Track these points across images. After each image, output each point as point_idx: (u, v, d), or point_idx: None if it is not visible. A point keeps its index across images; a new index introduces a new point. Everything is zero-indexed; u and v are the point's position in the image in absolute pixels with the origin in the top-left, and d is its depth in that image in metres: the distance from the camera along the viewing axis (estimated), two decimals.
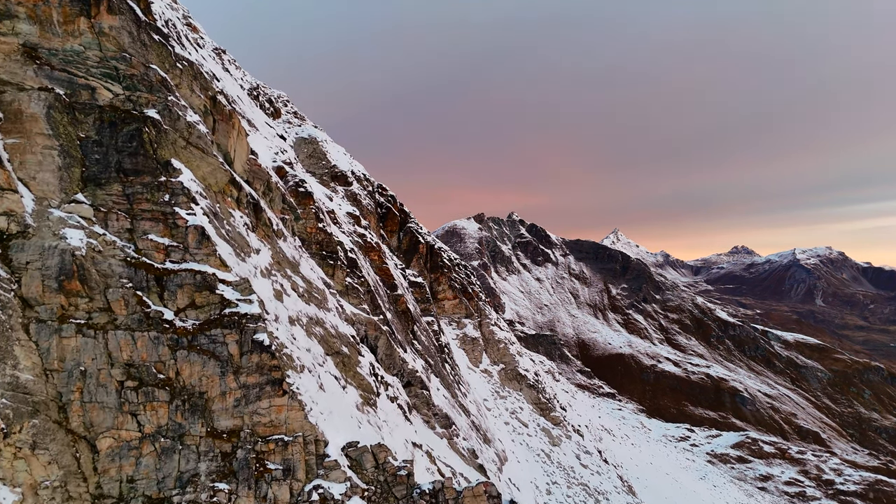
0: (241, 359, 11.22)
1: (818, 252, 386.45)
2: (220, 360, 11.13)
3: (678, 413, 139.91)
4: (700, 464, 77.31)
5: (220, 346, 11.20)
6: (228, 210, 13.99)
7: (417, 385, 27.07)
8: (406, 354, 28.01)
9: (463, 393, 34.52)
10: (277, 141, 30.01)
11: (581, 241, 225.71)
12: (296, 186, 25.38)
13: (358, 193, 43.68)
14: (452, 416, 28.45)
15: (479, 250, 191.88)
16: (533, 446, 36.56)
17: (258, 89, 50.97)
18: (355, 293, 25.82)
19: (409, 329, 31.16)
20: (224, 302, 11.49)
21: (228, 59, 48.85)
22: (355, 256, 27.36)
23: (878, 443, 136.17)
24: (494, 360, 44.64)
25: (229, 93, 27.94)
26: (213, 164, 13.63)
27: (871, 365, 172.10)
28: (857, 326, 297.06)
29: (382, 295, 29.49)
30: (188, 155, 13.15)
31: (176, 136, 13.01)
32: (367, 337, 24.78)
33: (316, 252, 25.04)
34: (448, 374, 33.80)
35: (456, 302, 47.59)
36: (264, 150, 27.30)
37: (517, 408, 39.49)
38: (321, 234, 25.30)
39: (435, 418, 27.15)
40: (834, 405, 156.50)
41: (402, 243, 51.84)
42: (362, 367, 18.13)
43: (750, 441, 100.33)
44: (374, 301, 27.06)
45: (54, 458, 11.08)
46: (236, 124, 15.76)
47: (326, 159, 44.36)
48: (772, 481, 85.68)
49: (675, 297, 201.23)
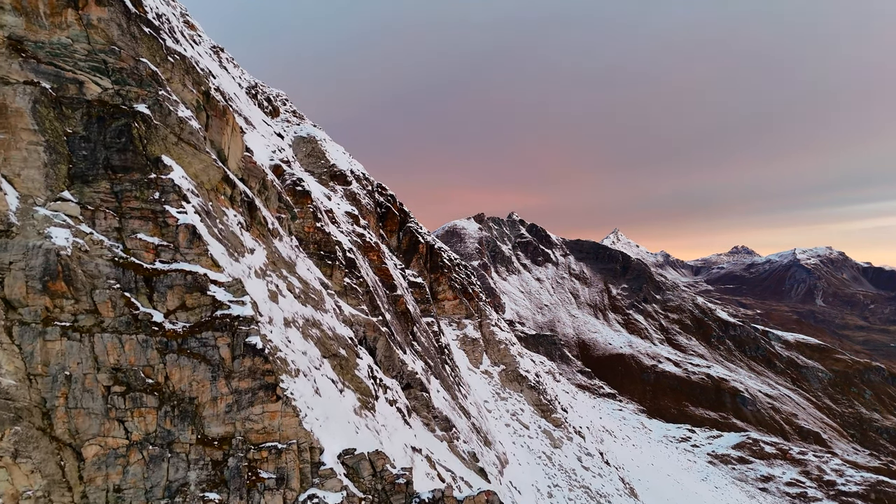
0: (233, 363, 10.72)
1: (818, 252, 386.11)
2: (212, 364, 10.63)
3: (679, 413, 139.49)
4: (701, 465, 76.87)
5: (211, 349, 10.70)
6: (222, 209, 13.50)
7: (417, 387, 26.60)
8: (405, 356, 27.53)
9: (463, 394, 34.04)
10: (275, 139, 29.51)
11: (581, 242, 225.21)
12: (293, 185, 24.89)
13: (357, 193, 43.21)
14: (453, 419, 27.97)
15: (479, 250, 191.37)
16: (534, 448, 36.09)
17: (256, 88, 50.49)
18: (354, 294, 25.33)
19: (409, 330, 30.68)
20: (216, 303, 10.98)
21: (226, 57, 48.35)
22: (354, 256, 26.88)
23: (879, 443, 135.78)
24: (495, 361, 44.16)
25: (226, 90, 27.46)
26: (206, 161, 13.14)
27: (872, 365, 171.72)
28: (858, 326, 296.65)
29: (381, 295, 29.01)
30: (179, 151, 12.66)
31: (167, 132, 12.52)
32: (365, 338, 24.30)
33: (314, 252, 24.56)
34: (448, 376, 33.32)
35: (456, 302, 47.11)
36: (261, 148, 26.81)
37: (518, 409, 39.01)
38: (319, 234, 24.81)
39: (435, 421, 26.68)
40: (835, 405, 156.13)
41: (402, 243, 51.38)
42: (360, 370, 17.64)
43: (751, 442, 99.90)
44: (372, 302, 26.57)
45: (37, 466, 10.60)
46: (230, 120, 15.27)
47: (325, 158, 43.87)
48: (773, 482, 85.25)
49: (675, 297, 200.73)
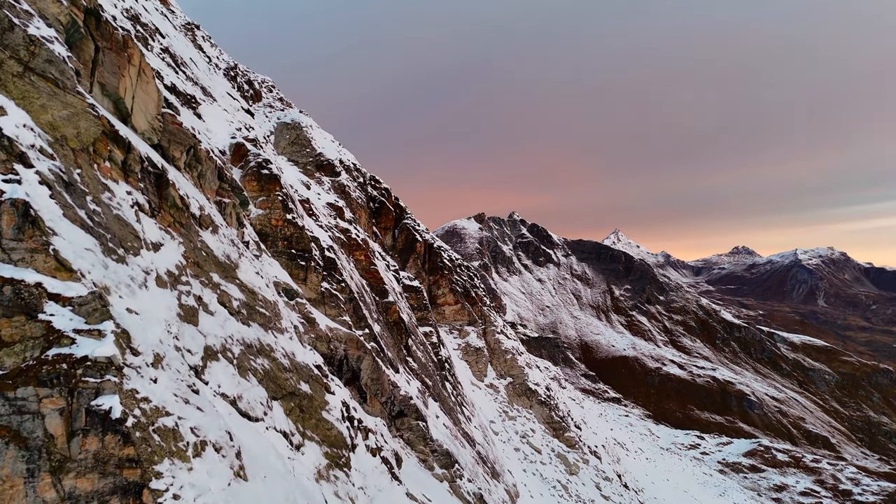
0: (68, 444, 5.88)
1: (820, 252, 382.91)
2: (30, 446, 5.75)
3: (684, 418, 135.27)
4: (717, 478, 72.43)
5: (29, 419, 5.82)
6: (104, 181, 8.75)
7: (412, 415, 21.81)
8: (398, 376, 22.73)
9: (467, 417, 29.31)
10: (242, 116, 24.76)
11: (583, 242, 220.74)
12: (258, 167, 20.06)
13: (347, 185, 38.37)
14: (455, 451, 23.19)
15: (480, 251, 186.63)
16: (547, 476, 31.42)
17: (236, 69, 45.59)
18: (333, 302, 20.52)
19: (403, 343, 25.89)
20: (50, 336, 6.18)
21: (202, 35, 43.41)
22: (335, 256, 22.05)
23: (889, 448, 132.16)
24: (501, 374, 39.43)
25: (179, 52, 22.65)
26: (75, 107, 8.39)
27: (880, 368, 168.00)
28: (860, 327, 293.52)
29: (369, 303, 24.19)
30: (24, 87, 7.92)
31: (3, 55, 7.84)
32: (346, 358, 19.49)
33: (282, 250, 19.74)
34: (449, 396, 28.59)
35: (458, 308, 42.30)
36: (221, 123, 22.03)
37: (528, 430, 34.32)
38: (290, 228, 19.99)
39: (433, 456, 21.90)
40: (842, 409, 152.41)
41: (398, 242, 46.54)
42: (331, 411, 12.83)
43: (762, 449, 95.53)
44: (357, 311, 21.76)
45: None
46: (136, 59, 10.43)
47: (311, 146, 38.99)
48: (787, 492, 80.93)
49: (679, 298, 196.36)
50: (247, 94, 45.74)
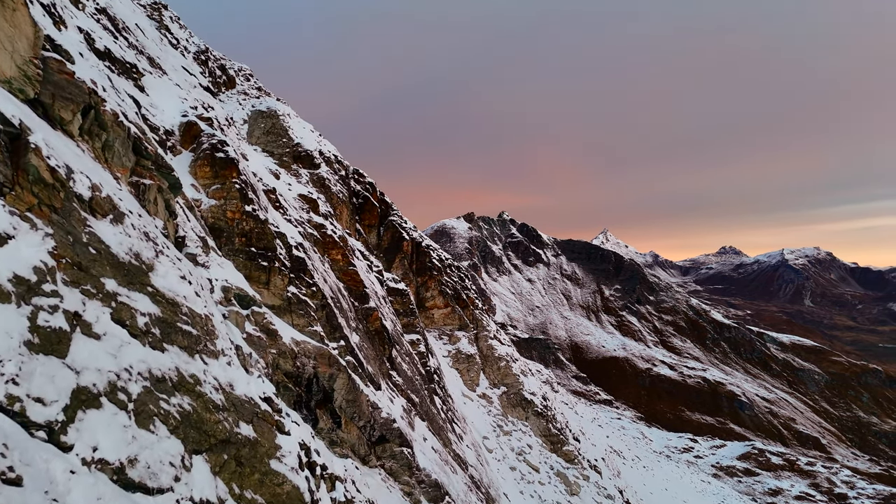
0: None
1: (806, 252, 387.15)
2: None
3: (675, 419, 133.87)
4: (715, 486, 70.42)
5: None
6: None
7: (395, 440, 18.70)
8: (379, 394, 19.61)
9: (458, 435, 26.30)
10: (200, 93, 21.45)
11: (573, 242, 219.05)
12: (211, 149, 16.76)
13: (327, 178, 35.06)
14: (444, 481, 20.13)
15: (469, 250, 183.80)
16: (546, 498, 28.57)
17: (207, 52, 41.95)
18: (302, 309, 17.32)
19: (386, 355, 22.77)
20: None
21: (170, 15, 39.77)
22: (305, 255, 18.86)
23: (879, 448, 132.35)
24: (495, 383, 36.49)
25: (121, 16, 19.28)
26: None
27: (869, 367, 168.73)
28: (847, 327, 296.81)
29: (346, 309, 21.02)
30: None
31: None
32: (316, 377, 16.32)
33: (239, 248, 16.49)
34: (439, 413, 25.56)
35: (448, 311, 39.22)
36: (171, 99, 18.74)
37: (524, 446, 31.44)
38: (249, 222, 16.74)
39: (420, 488, 18.83)
40: (832, 409, 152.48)
41: (383, 240, 43.30)
42: (284, 458, 9.66)
43: (756, 452, 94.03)
44: (331, 320, 18.59)
45: None
46: None
47: (288, 136, 35.57)
48: (782, 496, 79.26)
49: (669, 298, 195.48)
50: (219, 79, 42.17)
